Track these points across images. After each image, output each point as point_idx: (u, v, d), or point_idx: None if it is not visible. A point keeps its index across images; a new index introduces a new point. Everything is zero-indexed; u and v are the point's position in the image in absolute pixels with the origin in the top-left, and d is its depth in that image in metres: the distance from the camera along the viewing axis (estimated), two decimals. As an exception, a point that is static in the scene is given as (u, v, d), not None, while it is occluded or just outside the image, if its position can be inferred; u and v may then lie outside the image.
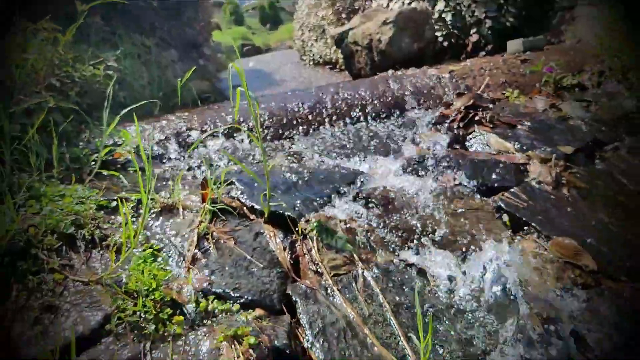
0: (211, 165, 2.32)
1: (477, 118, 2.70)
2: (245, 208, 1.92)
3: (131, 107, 1.91)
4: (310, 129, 2.73)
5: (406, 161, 2.31)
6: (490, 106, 2.86)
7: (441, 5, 4.71)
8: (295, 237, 1.78)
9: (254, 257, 1.66)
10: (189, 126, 2.59)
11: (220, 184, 1.88)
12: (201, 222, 1.77)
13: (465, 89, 3.12)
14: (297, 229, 1.78)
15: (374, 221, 1.85)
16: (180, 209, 1.85)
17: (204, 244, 1.70)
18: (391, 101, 2.94)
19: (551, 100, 2.98)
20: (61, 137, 2.10)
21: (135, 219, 1.76)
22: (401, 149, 2.51)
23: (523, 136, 2.53)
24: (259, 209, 1.87)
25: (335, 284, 1.58)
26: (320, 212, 1.89)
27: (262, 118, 2.73)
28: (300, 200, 1.93)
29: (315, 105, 2.82)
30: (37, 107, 2.08)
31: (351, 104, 2.88)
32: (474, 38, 4.67)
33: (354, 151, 2.50)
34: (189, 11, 4.97)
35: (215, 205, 1.82)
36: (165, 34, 4.37)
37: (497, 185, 2.12)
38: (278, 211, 1.83)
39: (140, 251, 1.57)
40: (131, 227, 1.48)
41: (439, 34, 4.76)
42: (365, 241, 1.76)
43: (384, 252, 1.73)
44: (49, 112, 2.01)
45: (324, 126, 2.77)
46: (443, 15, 4.71)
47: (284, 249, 1.73)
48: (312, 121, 2.77)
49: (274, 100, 2.90)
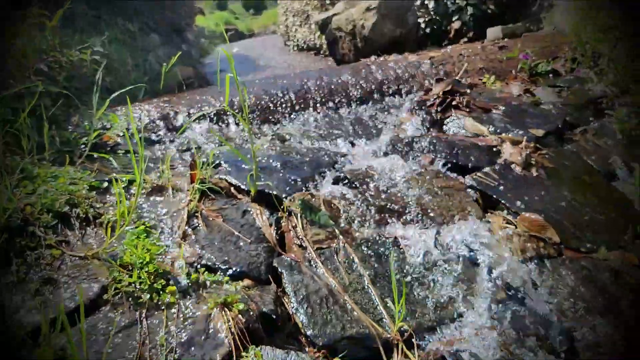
0: (199, 147, 2.40)
1: (454, 103, 2.82)
2: (232, 188, 2.01)
3: (121, 91, 1.98)
4: (294, 114, 2.82)
5: (386, 143, 2.42)
6: (467, 91, 2.97)
7: (424, -9, 4.79)
8: (281, 214, 1.88)
9: (241, 233, 1.76)
10: (175, 110, 2.65)
11: (208, 165, 1.97)
12: (190, 201, 1.86)
13: (444, 74, 3.23)
14: (282, 207, 1.88)
15: (355, 199, 1.96)
16: (169, 189, 1.94)
17: (194, 222, 1.79)
18: (373, 87, 3.03)
19: (526, 86, 3.11)
20: (50, 120, 2.14)
21: (128, 199, 1.84)
22: (382, 132, 2.62)
23: (497, 120, 2.66)
24: (246, 188, 1.96)
25: (318, 257, 1.69)
26: (305, 191, 1.99)
27: (247, 102, 2.80)
28: (285, 180, 2.03)
29: (300, 91, 2.91)
30: (27, 91, 2.12)
31: (335, 90, 2.97)
32: (456, 25, 4.77)
33: (337, 134, 2.60)
34: (172, -5, 4.95)
35: (204, 185, 1.91)
36: (149, 18, 4.37)
37: (471, 165, 2.25)
38: (264, 190, 1.93)
39: (133, 228, 1.66)
40: (125, 204, 1.56)
41: (421, 20, 4.85)
42: (346, 217, 1.88)
43: (364, 227, 1.84)
44: (39, 96, 2.05)
45: (309, 110, 2.86)
46: (426, 2, 4.80)
47: (270, 225, 1.84)
48: (296, 106, 2.85)
49: (259, 85, 2.98)
